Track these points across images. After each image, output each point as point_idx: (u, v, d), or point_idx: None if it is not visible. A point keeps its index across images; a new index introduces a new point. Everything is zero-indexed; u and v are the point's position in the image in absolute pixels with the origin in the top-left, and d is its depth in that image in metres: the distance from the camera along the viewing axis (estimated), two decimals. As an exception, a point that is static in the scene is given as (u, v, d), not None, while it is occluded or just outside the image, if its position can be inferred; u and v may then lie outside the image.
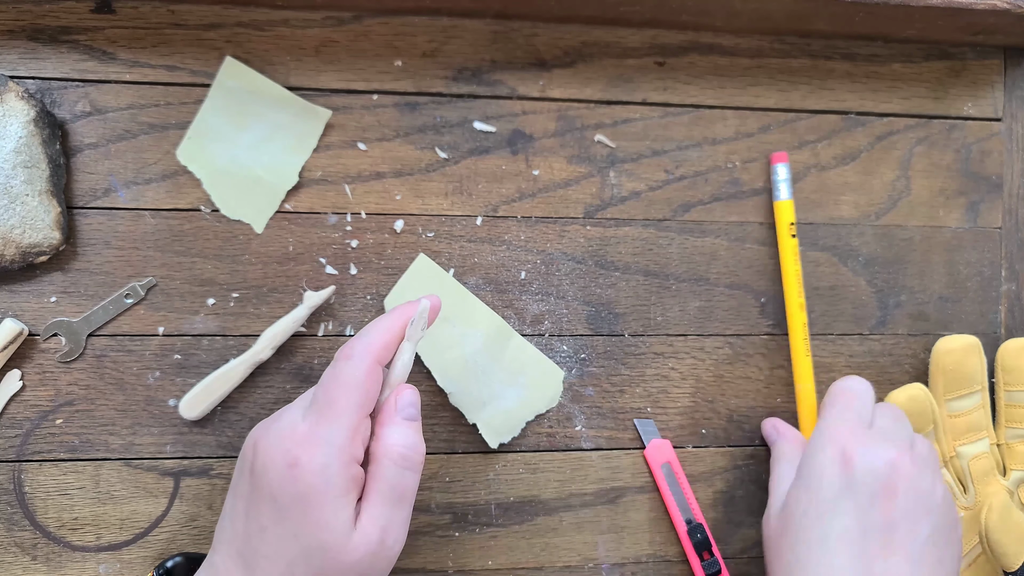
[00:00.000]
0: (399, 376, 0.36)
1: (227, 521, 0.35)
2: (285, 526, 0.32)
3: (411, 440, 0.34)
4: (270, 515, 0.33)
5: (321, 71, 0.45)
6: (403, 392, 0.35)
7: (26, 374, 0.42)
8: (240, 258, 0.44)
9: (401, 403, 0.35)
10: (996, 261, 0.51)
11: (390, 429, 0.34)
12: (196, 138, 0.44)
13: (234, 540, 0.34)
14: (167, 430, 0.43)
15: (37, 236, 0.41)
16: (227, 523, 0.35)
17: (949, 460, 0.48)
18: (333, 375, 0.34)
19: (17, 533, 0.42)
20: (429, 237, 0.46)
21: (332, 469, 0.32)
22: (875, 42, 0.50)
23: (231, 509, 0.35)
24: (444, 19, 0.46)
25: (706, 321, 0.48)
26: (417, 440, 0.35)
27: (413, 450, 0.34)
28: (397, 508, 0.34)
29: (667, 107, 0.48)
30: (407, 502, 0.34)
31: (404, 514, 0.34)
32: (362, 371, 0.34)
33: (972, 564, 0.47)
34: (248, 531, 0.33)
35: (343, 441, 0.33)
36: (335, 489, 0.32)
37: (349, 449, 0.33)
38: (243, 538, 0.34)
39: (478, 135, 0.46)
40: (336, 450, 0.32)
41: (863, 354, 0.49)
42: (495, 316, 0.45)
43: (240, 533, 0.34)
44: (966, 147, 0.51)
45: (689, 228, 0.48)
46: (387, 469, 0.33)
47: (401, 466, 0.34)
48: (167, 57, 0.44)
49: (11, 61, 0.42)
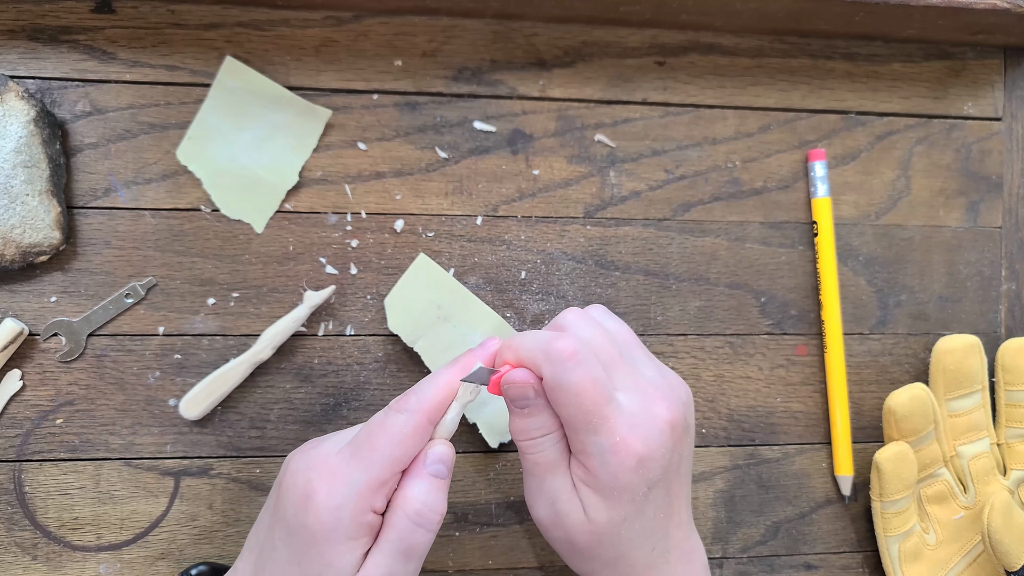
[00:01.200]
0: (441, 433, 0.34)
1: (255, 529, 0.36)
2: (292, 552, 0.32)
3: (430, 498, 0.33)
4: (282, 537, 0.33)
5: (321, 71, 0.45)
6: (435, 446, 0.34)
7: (26, 374, 0.42)
8: (240, 258, 0.44)
9: (431, 457, 0.33)
10: (996, 261, 0.51)
11: (413, 482, 0.33)
12: (196, 138, 0.44)
13: (255, 550, 0.34)
14: (167, 430, 0.43)
15: (37, 236, 0.41)
16: (255, 531, 0.35)
17: (949, 460, 0.48)
18: (381, 422, 0.33)
19: (17, 533, 0.42)
20: (429, 237, 0.46)
21: (345, 512, 0.31)
22: (875, 42, 0.50)
23: (260, 519, 0.35)
24: (444, 19, 0.46)
25: (706, 321, 0.48)
26: (437, 499, 0.33)
27: (430, 508, 0.33)
28: (402, 562, 0.32)
29: (667, 107, 0.48)
30: (415, 558, 0.33)
31: (410, 569, 0.33)
32: (410, 427, 0.33)
33: (973, 563, 0.47)
34: (264, 546, 0.34)
35: (365, 489, 0.32)
36: (343, 532, 0.31)
37: (369, 498, 0.32)
38: (259, 551, 0.34)
39: (478, 135, 0.46)
40: (355, 495, 0.32)
41: (863, 354, 0.49)
42: (495, 316, 0.45)
43: (260, 545, 0.34)
44: (966, 147, 0.51)
45: (689, 228, 0.48)
46: (400, 521, 0.32)
47: (414, 522, 0.32)
48: (167, 57, 0.44)
49: (11, 61, 0.42)
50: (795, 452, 0.49)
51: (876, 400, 0.49)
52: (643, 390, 0.34)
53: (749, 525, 0.48)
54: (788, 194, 0.49)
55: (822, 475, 0.49)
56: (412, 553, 0.33)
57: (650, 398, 0.34)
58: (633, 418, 0.33)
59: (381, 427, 0.33)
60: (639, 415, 0.33)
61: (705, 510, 0.47)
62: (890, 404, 0.46)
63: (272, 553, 0.33)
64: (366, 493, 0.32)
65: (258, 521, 0.36)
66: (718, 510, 0.48)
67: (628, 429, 0.33)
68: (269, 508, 0.35)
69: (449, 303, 0.45)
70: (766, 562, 0.48)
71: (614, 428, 0.33)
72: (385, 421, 0.33)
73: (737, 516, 0.48)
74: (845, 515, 0.49)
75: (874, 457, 0.46)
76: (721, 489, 0.48)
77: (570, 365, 0.32)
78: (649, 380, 0.35)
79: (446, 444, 0.34)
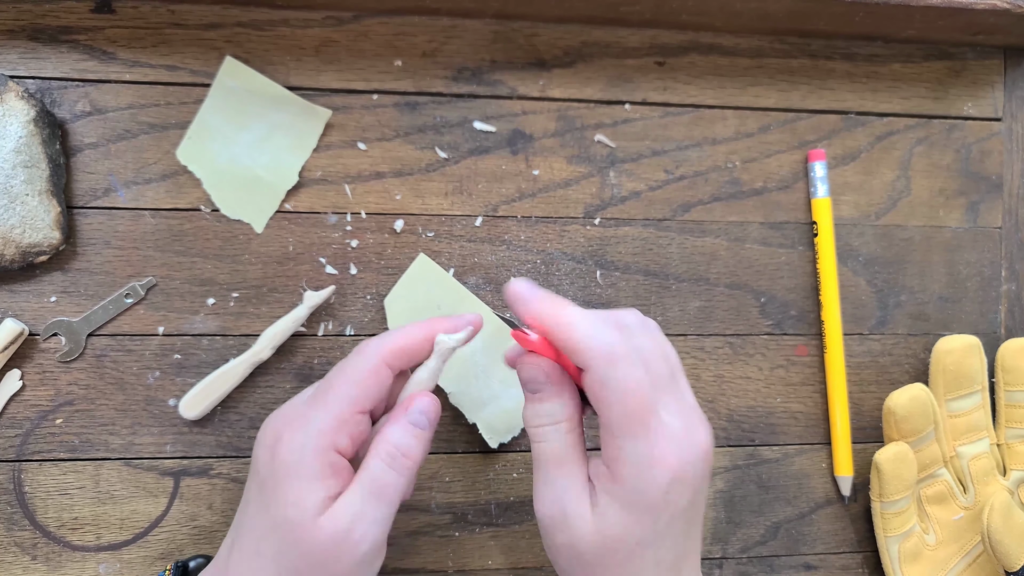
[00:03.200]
0: (419, 382, 0.35)
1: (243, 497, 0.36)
2: (261, 499, 0.33)
3: (405, 441, 0.33)
4: (254, 488, 0.34)
5: (321, 71, 0.45)
6: (420, 397, 0.35)
7: (26, 374, 0.42)
8: (240, 258, 0.44)
9: (414, 406, 0.34)
10: (996, 261, 0.51)
11: (391, 426, 0.34)
12: (196, 138, 0.44)
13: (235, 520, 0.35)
14: (167, 430, 0.43)
15: (37, 236, 0.41)
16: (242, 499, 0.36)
17: (949, 460, 0.48)
18: (340, 366, 0.34)
19: (17, 533, 0.42)
20: (429, 237, 0.46)
21: (307, 451, 0.32)
22: (875, 42, 0.50)
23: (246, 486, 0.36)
24: (444, 19, 0.46)
25: (706, 321, 0.48)
26: (412, 445, 0.34)
27: (403, 452, 0.33)
28: (373, 503, 0.32)
29: (667, 107, 0.48)
30: (386, 501, 0.33)
31: (380, 512, 0.32)
32: (365, 367, 0.33)
33: (973, 563, 0.47)
34: (241, 509, 0.35)
35: (325, 427, 0.32)
36: (308, 470, 0.32)
37: (331, 436, 0.32)
38: (238, 516, 0.35)
39: (478, 135, 0.46)
40: (316, 433, 0.32)
41: (863, 354, 0.49)
42: (495, 316, 0.45)
43: (239, 512, 0.35)
44: (966, 147, 0.51)
45: (689, 228, 0.48)
46: (372, 461, 0.33)
47: (386, 463, 0.33)
48: (167, 57, 0.44)
49: (11, 61, 0.42)
50: (795, 452, 0.49)
51: (876, 400, 0.49)
52: (686, 414, 0.33)
53: (749, 525, 0.48)
54: (788, 194, 0.49)
55: (822, 475, 0.49)
56: (383, 495, 0.32)
57: (692, 423, 0.33)
58: (675, 436, 0.32)
59: (339, 370, 0.34)
60: (681, 435, 0.32)
61: (705, 510, 0.47)
62: (890, 404, 0.46)
63: (245, 508, 0.34)
64: (327, 431, 0.32)
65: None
66: (718, 510, 0.48)
67: (668, 443, 0.31)
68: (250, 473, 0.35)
69: (449, 303, 0.45)
70: (766, 562, 0.48)
71: (655, 439, 0.31)
72: (343, 364, 0.34)
73: (737, 516, 0.48)
74: (845, 515, 0.49)
75: (874, 457, 0.46)
76: (721, 489, 0.48)
77: (622, 365, 0.31)
78: (692, 407, 0.34)
79: (431, 397, 0.35)
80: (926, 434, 0.46)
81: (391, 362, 0.34)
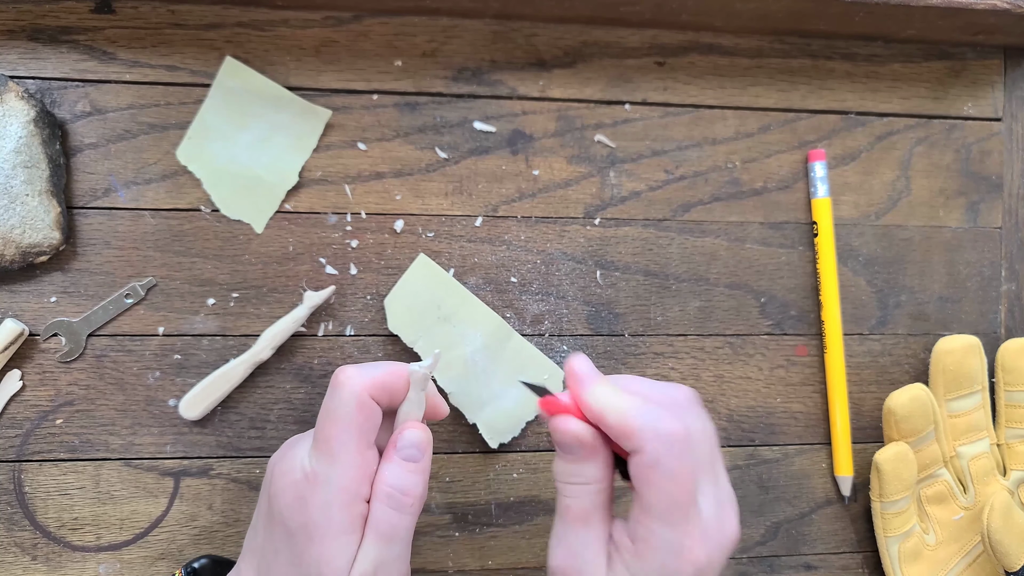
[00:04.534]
0: (406, 415, 0.35)
1: (252, 532, 0.36)
2: (292, 551, 0.33)
3: (402, 481, 0.33)
4: (282, 539, 0.33)
5: (321, 71, 0.45)
6: (404, 431, 0.34)
7: (26, 374, 0.42)
8: (240, 258, 0.44)
9: (401, 442, 0.34)
10: (996, 261, 0.51)
11: (385, 467, 0.33)
12: (196, 138, 0.44)
13: (256, 553, 0.35)
14: (167, 430, 0.43)
15: (37, 236, 0.41)
16: (252, 535, 0.36)
17: (949, 460, 0.48)
18: (326, 411, 0.33)
19: (17, 533, 0.42)
20: (429, 237, 0.46)
21: (333, 508, 0.32)
22: (875, 42, 0.50)
23: (255, 523, 0.35)
24: (444, 19, 0.46)
25: (706, 321, 0.48)
26: (410, 482, 0.33)
27: (403, 492, 0.33)
28: (386, 547, 0.33)
29: (667, 107, 0.48)
30: (398, 541, 0.33)
31: (397, 551, 0.33)
32: (352, 406, 0.33)
33: (973, 563, 0.47)
34: (265, 549, 0.34)
35: (344, 481, 0.32)
36: (337, 527, 0.32)
37: (352, 487, 0.32)
38: (261, 554, 0.34)
39: (478, 135, 0.46)
40: (336, 490, 0.32)
41: (863, 354, 0.49)
42: (495, 316, 0.45)
43: (259, 548, 0.34)
44: (966, 147, 0.51)
45: (689, 228, 0.48)
46: (375, 506, 0.33)
47: (389, 506, 0.33)
48: (167, 57, 0.44)
49: (11, 61, 0.42)
50: (795, 452, 0.49)
51: (876, 400, 0.49)
52: (720, 501, 0.33)
53: (749, 525, 0.48)
54: (788, 194, 0.49)
55: (822, 475, 0.49)
56: (394, 537, 0.33)
57: (725, 512, 0.33)
58: (708, 528, 0.32)
59: (328, 417, 0.33)
60: (713, 526, 0.32)
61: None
62: (890, 404, 0.46)
63: (275, 556, 0.33)
64: (347, 485, 0.32)
65: (252, 525, 0.36)
66: (718, 510, 0.48)
67: (700, 537, 0.31)
68: (263, 512, 0.35)
69: (449, 303, 0.45)
70: (766, 562, 0.48)
71: (689, 530, 0.31)
72: (329, 408, 0.33)
73: (737, 516, 0.48)
74: (845, 515, 0.49)
75: (874, 458, 0.46)
76: (721, 489, 0.48)
77: (677, 450, 0.31)
78: (726, 492, 0.34)
79: (419, 427, 0.34)
80: (926, 434, 0.46)
81: (374, 392, 0.33)
